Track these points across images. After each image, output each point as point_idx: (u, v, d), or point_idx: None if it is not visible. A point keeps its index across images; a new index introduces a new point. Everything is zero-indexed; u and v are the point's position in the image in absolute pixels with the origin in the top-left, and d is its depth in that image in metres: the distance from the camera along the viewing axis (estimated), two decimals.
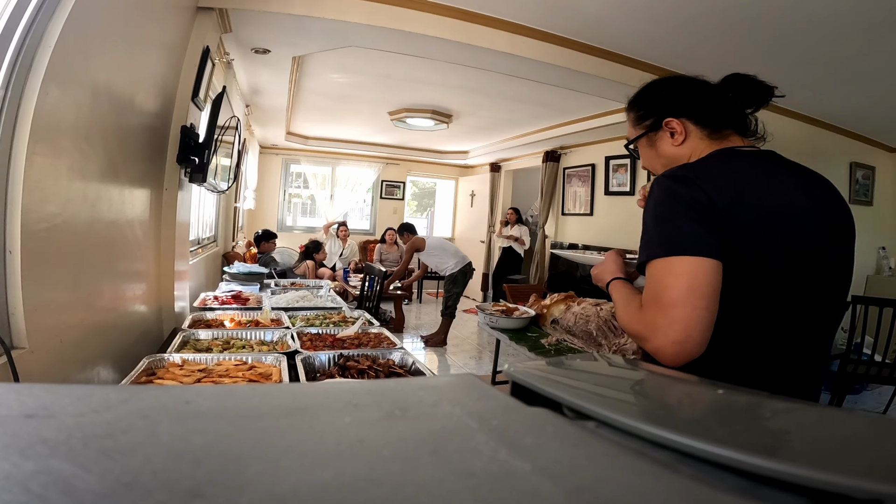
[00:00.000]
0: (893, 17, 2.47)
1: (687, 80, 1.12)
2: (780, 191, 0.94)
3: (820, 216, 0.96)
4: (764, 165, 1.00)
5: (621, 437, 0.38)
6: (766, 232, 0.90)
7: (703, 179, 0.92)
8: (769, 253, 0.91)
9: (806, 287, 0.94)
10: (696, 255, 0.87)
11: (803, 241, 0.93)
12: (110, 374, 1.65)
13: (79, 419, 0.31)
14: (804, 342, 0.96)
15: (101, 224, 1.58)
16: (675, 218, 0.91)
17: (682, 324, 0.85)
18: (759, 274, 0.91)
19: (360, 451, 0.30)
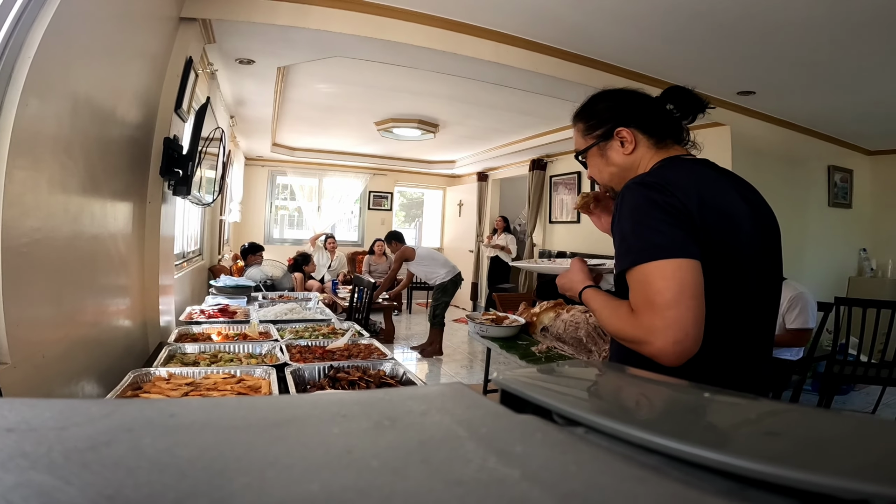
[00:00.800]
0: (865, 21, 2.54)
1: (632, 92, 1.20)
2: (727, 196, 1.02)
3: (754, 218, 1.04)
4: (707, 172, 1.07)
5: (610, 442, 0.38)
6: (724, 233, 0.97)
7: (671, 185, 0.97)
8: (729, 251, 0.98)
9: (754, 281, 1.01)
10: (681, 257, 0.91)
11: (748, 241, 1.01)
12: (95, 388, 1.62)
13: (60, 432, 0.31)
14: (759, 331, 1.05)
15: (83, 238, 1.55)
16: (654, 223, 0.94)
17: (679, 324, 0.89)
18: (724, 272, 0.97)
19: (348, 461, 0.30)
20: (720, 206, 0.98)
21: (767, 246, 1.06)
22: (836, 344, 3.39)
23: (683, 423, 0.46)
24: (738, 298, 0.99)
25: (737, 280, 0.98)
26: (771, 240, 1.07)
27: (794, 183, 4.94)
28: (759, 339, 1.05)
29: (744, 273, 0.99)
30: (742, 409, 0.51)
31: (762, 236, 1.04)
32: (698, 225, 0.94)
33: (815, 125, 4.77)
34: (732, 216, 0.99)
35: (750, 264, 1.00)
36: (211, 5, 2.48)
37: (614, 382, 0.73)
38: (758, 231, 1.03)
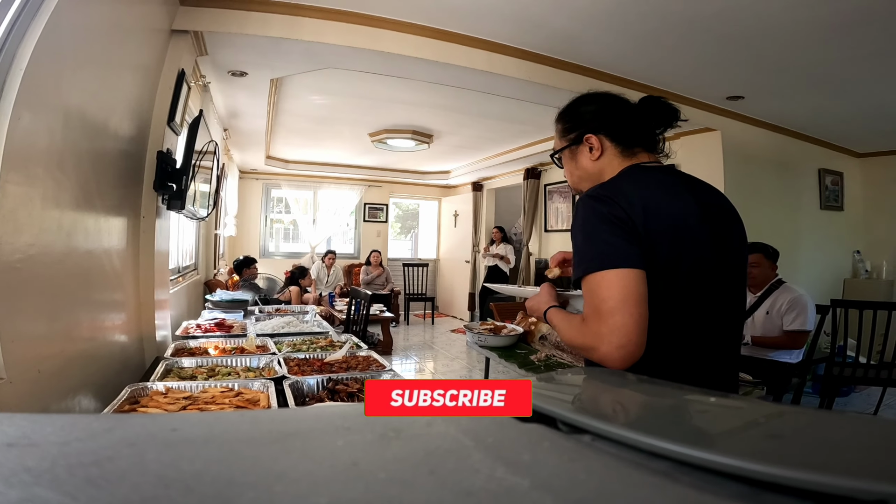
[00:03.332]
0: (847, 24, 2.58)
1: (609, 98, 1.23)
2: (677, 202, 1.06)
3: (711, 223, 1.08)
4: (663, 179, 1.12)
5: (618, 449, 0.38)
6: (672, 241, 1.01)
7: (619, 197, 1.02)
8: (677, 258, 1.01)
9: (708, 284, 1.05)
10: (624, 267, 0.97)
11: (700, 246, 1.04)
12: (92, 403, 1.60)
13: (62, 448, 0.30)
14: (714, 332, 1.08)
15: (77, 254, 1.54)
16: (601, 234, 1.00)
17: (622, 330, 0.94)
18: (671, 277, 1.01)
19: (356, 474, 0.29)
20: (667, 212, 1.03)
21: (721, 247, 1.08)
22: (834, 346, 3.40)
23: (692, 428, 0.46)
24: (687, 298, 1.03)
25: (685, 280, 1.02)
26: (726, 240, 1.10)
27: (786, 187, 4.98)
28: (717, 336, 1.08)
29: (692, 274, 1.03)
30: (748, 412, 0.51)
31: (714, 237, 1.07)
32: (642, 233, 0.99)
33: (805, 128, 4.82)
34: (679, 221, 1.03)
35: (699, 265, 1.04)
36: (203, 17, 2.49)
37: (616, 389, 0.73)
38: (709, 233, 1.06)
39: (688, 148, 4.60)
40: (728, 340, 1.11)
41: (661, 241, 1.00)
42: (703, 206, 1.08)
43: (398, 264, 8.64)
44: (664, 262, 1.00)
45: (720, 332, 1.08)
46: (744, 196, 4.45)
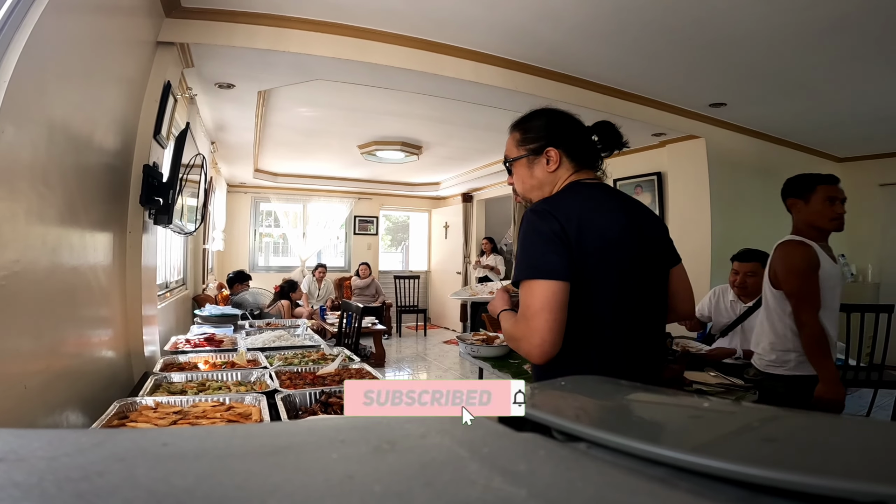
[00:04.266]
0: (824, 30, 2.64)
1: (569, 116, 1.34)
2: (609, 216, 1.21)
3: (639, 235, 1.23)
4: (600, 196, 1.26)
5: (614, 456, 0.38)
6: (602, 254, 1.16)
7: (558, 213, 1.17)
8: (605, 267, 1.17)
9: (632, 289, 1.20)
10: (549, 279, 1.12)
11: (627, 257, 1.20)
12: (80, 418, 1.57)
13: (51, 462, 0.30)
14: (636, 330, 1.22)
15: (62, 270, 1.51)
16: (536, 247, 1.16)
17: (539, 332, 1.11)
18: (599, 283, 1.17)
19: (351, 487, 0.29)
20: (599, 226, 1.18)
21: (646, 256, 1.24)
22: None
23: (687, 434, 0.46)
24: (613, 301, 1.18)
25: (611, 286, 1.17)
26: (651, 251, 1.26)
27: (770, 193, 5.01)
28: (639, 334, 1.23)
29: (618, 280, 1.18)
30: (742, 416, 0.51)
31: (640, 248, 1.23)
32: (574, 246, 1.14)
33: (786, 134, 4.90)
34: (611, 234, 1.19)
35: (624, 273, 1.19)
36: (189, 30, 2.48)
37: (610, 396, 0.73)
38: (636, 244, 1.22)
39: (673, 155, 4.66)
40: (650, 338, 1.26)
41: (592, 252, 1.15)
42: (632, 220, 1.24)
43: (389, 277, 8.62)
44: (593, 271, 1.15)
45: (642, 331, 1.23)
46: (729, 202, 4.51)
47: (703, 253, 4.40)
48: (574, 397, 0.70)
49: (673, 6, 2.46)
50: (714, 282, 4.25)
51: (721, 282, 3.57)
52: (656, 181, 4.89)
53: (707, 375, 2.34)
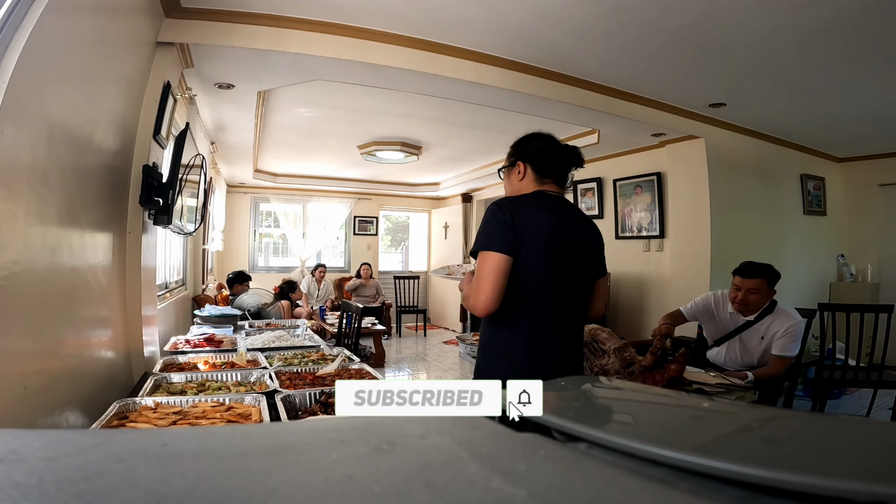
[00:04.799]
0: (823, 30, 2.64)
1: (540, 139, 1.67)
2: (550, 220, 1.54)
3: (574, 240, 1.59)
4: (551, 204, 1.59)
5: (614, 456, 0.38)
6: (536, 245, 1.50)
7: (512, 208, 1.52)
8: (536, 256, 1.50)
9: (555, 274, 1.54)
10: (494, 251, 1.48)
11: (552, 245, 1.53)
12: (79, 419, 1.57)
13: (50, 463, 0.30)
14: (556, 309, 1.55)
15: (62, 270, 1.51)
16: (490, 229, 1.51)
17: (484, 291, 1.46)
18: (530, 263, 1.50)
19: (351, 487, 0.29)
20: (538, 223, 1.52)
21: (577, 256, 1.59)
22: (823, 349, 3.43)
23: (688, 434, 0.46)
24: (540, 277, 1.52)
25: (540, 267, 1.51)
26: (577, 247, 1.60)
27: (770, 193, 5.05)
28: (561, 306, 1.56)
29: (546, 263, 1.52)
30: (742, 417, 0.51)
31: (572, 249, 1.58)
32: (517, 233, 1.48)
33: (786, 134, 4.90)
34: (547, 231, 1.52)
35: (551, 260, 1.52)
36: (188, 30, 2.48)
37: (610, 397, 0.73)
38: (569, 244, 1.57)
39: (672, 155, 4.66)
40: (569, 316, 1.60)
41: (528, 242, 1.49)
42: (571, 228, 1.59)
43: (389, 277, 8.61)
44: (527, 255, 1.49)
45: (562, 309, 1.57)
46: (728, 202, 4.51)
47: (702, 253, 4.40)
48: (574, 398, 0.70)
49: (672, 6, 2.46)
50: (714, 282, 4.25)
51: (720, 282, 3.57)
52: (656, 181, 4.89)
53: (707, 375, 2.34)
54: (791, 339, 2.59)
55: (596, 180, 5.60)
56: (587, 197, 5.78)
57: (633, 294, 5.23)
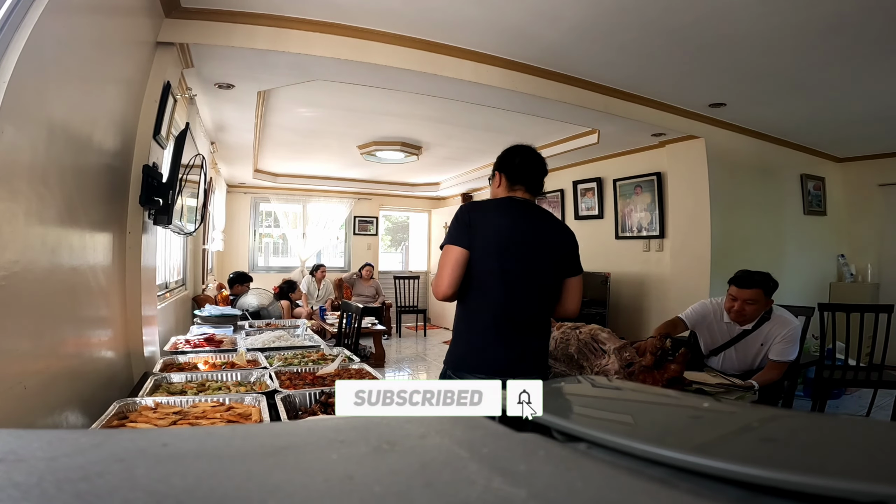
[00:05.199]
0: (822, 30, 2.64)
1: (514, 152, 1.87)
2: (507, 221, 1.75)
3: (535, 240, 1.76)
4: (514, 209, 1.79)
5: (614, 456, 0.38)
6: (487, 240, 1.70)
7: (471, 211, 1.75)
8: (489, 252, 1.70)
9: (507, 270, 1.71)
10: (455, 245, 1.70)
11: (512, 250, 1.72)
12: (79, 419, 1.57)
13: (50, 463, 0.30)
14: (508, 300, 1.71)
15: (62, 270, 1.51)
16: (453, 227, 1.73)
17: (444, 279, 1.69)
18: (484, 258, 1.70)
19: (351, 487, 0.29)
20: (496, 224, 1.73)
21: (537, 255, 1.75)
22: (823, 349, 3.43)
23: (688, 434, 0.46)
24: (494, 270, 1.71)
25: (492, 261, 1.70)
26: (546, 253, 1.77)
27: (770, 193, 5.05)
28: (514, 298, 1.72)
29: (498, 258, 1.70)
30: (742, 417, 0.51)
31: (531, 247, 1.74)
32: (473, 231, 1.70)
33: (786, 134, 4.90)
34: (498, 229, 1.72)
35: (503, 254, 1.71)
36: (188, 30, 2.48)
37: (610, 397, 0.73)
38: (528, 243, 1.74)
39: (672, 155, 4.66)
40: (523, 308, 1.74)
41: (481, 238, 1.70)
42: (526, 225, 1.76)
43: (389, 277, 8.61)
44: (481, 250, 1.70)
45: (516, 301, 1.72)
46: (728, 202, 4.51)
47: (702, 253, 4.40)
48: (574, 398, 0.70)
49: (672, 6, 2.46)
50: (714, 282, 4.25)
51: (720, 282, 3.57)
52: (656, 181, 4.89)
53: (707, 375, 2.34)
54: (789, 343, 2.53)
55: (596, 180, 5.60)
56: (587, 197, 5.78)
57: (633, 294, 5.22)
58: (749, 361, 2.68)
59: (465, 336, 1.77)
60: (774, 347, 2.56)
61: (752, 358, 2.67)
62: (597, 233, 5.66)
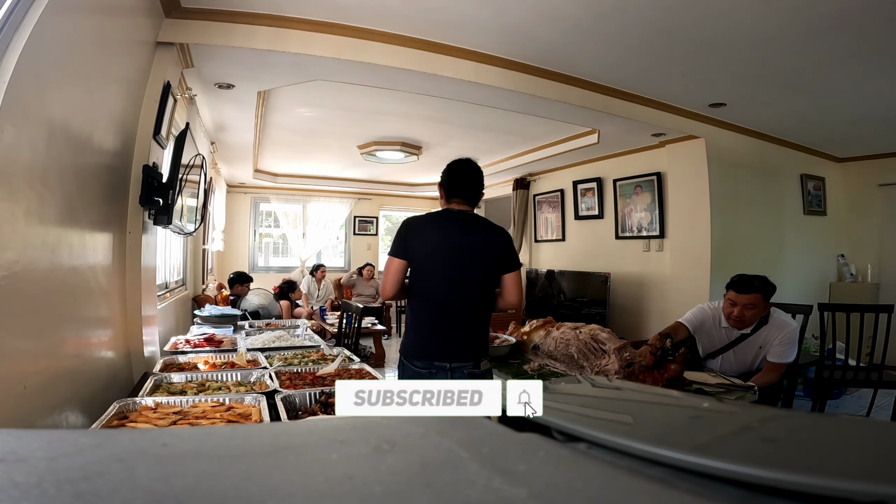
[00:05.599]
0: (822, 29, 2.64)
1: (450, 168, 2.11)
2: (440, 231, 2.04)
3: (463, 243, 2.01)
4: (449, 219, 2.07)
5: (614, 456, 0.38)
6: (422, 249, 2.01)
7: (408, 225, 2.05)
8: (423, 259, 2.01)
9: (439, 270, 2.01)
10: (395, 257, 2.02)
11: (435, 251, 2.01)
12: (79, 419, 1.57)
13: (50, 463, 0.30)
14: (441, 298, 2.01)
15: (62, 270, 1.51)
16: (394, 241, 2.04)
17: (387, 286, 2.04)
18: (419, 265, 2.02)
19: (351, 487, 0.29)
20: (430, 234, 2.03)
21: (462, 251, 2.01)
22: (823, 349, 3.43)
23: (688, 434, 0.46)
24: (427, 275, 2.03)
25: (428, 267, 2.02)
26: (479, 255, 2.03)
27: (770, 193, 5.05)
28: (446, 297, 2.01)
29: (431, 262, 2.01)
30: (742, 417, 0.51)
31: (455, 248, 2.01)
32: (408, 242, 2.01)
33: (786, 134, 4.90)
34: (431, 239, 2.02)
35: (435, 259, 2.01)
36: (188, 30, 2.48)
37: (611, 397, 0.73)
38: (451, 246, 2.01)
39: (672, 155, 4.66)
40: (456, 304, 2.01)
41: (416, 248, 2.01)
42: (459, 232, 2.02)
43: None
44: (417, 257, 2.01)
45: (448, 298, 2.00)
46: (728, 202, 4.51)
47: (702, 253, 4.40)
48: (573, 398, 0.70)
49: (673, 7, 2.46)
50: (714, 282, 4.25)
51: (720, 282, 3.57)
52: (656, 181, 4.89)
53: (707, 375, 2.34)
54: (787, 346, 2.51)
55: (596, 180, 5.60)
56: (587, 197, 5.78)
57: (632, 294, 5.22)
58: (748, 364, 2.67)
59: (410, 330, 2.09)
60: (773, 350, 2.54)
61: (751, 361, 2.66)
62: (597, 233, 5.66)
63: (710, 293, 4.22)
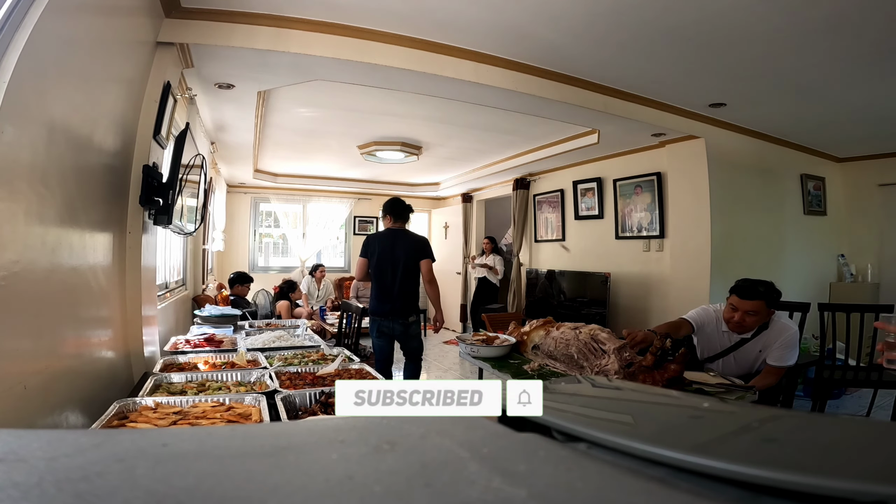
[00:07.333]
0: (822, 29, 2.63)
1: (390, 204, 3.66)
2: (385, 242, 3.57)
3: (399, 248, 3.53)
4: (391, 235, 3.60)
5: (614, 456, 0.38)
6: (374, 253, 3.55)
7: (369, 239, 3.68)
8: (375, 259, 3.55)
9: (387, 270, 3.52)
10: (362, 257, 3.64)
11: (387, 256, 3.53)
12: (79, 419, 1.57)
13: (50, 463, 0.30)
14: (389, 283, 3.52)
15: (62, 270, 1.51)
16: (362, 247, 3.67)
17: (357, 273, 3.71)
18: (373, 261, 3.56)
19: (351, 487, 0.29)
20: (378, 243, 3.57)
21: (401, 256, 3.50)
22: (823, 349, 3.43)
23: (688, 434, 0.46)
24: (379, 270, 3.54)
25: (377, 265, 3.53)
26: (406, 253, 3.53)
27: (770, 193, 5.05)
28: (390, 283, 3.51)
29: (379, 263, 3.52)
30: (742, 417, 0.51)
31: (396, 252, 3.51)
32: (369, 250, 3.58)
33: (786, 134, 4.90)
34: (382, 246, 3.54)
35: (382, 262, 3.52)
36: (188, 30, 2.48)
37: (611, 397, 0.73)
38: (388, 250, 3.52)
39: (672, 155, 4.66)
40: (397, 287, 3.50)
41: (373, 253, 3.55)
42: (392, 242, 3.54)
43: None
44: (373, 258, 3.53)
45: (392, 284, 3.49)
46: (728, 202, 4.51)
47: (703, 253, 4.40)
48: (573, 398, 0.70)
49: (672, 6, 2.46)
50: (714, 282, 4.25)
51: (720, 282, 3.57)
52: (656, 181, 4.89)
53: (707, 375, 2.34)
54: (788, 349, 2.47)
55: (596, 180, 5.60)
56: (587, 197, 5.78)
57: (633, 294, 5.22)
58: (748, 367, 2.65)
59: (373, 298, 3.59)
60: (773, 353, 2.51)
61: (751, 364, 2.65)
62: (597, 233, 5.66)
63: (710, 293, 4.23)
